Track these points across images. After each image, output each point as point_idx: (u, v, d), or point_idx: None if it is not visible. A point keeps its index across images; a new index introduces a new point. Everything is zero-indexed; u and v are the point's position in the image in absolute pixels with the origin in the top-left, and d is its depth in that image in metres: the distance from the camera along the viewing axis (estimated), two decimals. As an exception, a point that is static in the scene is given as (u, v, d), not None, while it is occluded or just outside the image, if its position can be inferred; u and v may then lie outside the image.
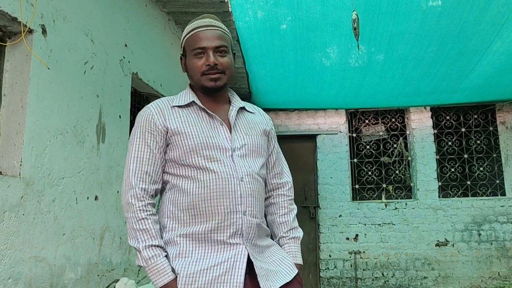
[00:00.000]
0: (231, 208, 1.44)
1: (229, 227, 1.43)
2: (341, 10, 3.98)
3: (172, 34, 4.45)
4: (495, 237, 6.39)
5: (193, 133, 1.48)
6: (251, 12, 4.14)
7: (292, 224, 1.67)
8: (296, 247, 1.65)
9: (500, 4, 3.93)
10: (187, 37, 1.56)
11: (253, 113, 1.69)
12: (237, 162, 1.49)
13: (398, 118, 7.03)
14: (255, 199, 1.50)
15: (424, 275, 6.41)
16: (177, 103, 1.55)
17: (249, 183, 1.48)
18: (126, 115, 3.45)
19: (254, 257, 1.45)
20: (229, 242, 1.43)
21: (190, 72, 1.57)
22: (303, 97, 6.35)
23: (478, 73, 5.30)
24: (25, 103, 2.35)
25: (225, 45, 1.54)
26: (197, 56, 1.52)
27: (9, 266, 2.17)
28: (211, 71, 1.51)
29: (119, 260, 3.24)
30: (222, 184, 1.44)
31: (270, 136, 1.70)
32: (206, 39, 1.51)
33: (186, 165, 1.47)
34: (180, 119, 1.51)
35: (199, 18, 1.59)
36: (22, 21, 2.32)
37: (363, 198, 6.88)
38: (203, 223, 1.44)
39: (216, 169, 1.45)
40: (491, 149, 6.75)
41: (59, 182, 2.59)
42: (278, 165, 1.72)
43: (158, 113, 1.51)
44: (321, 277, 6.58)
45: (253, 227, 1.47)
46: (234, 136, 1.54)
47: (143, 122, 1.52)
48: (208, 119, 1.54)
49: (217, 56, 1.51)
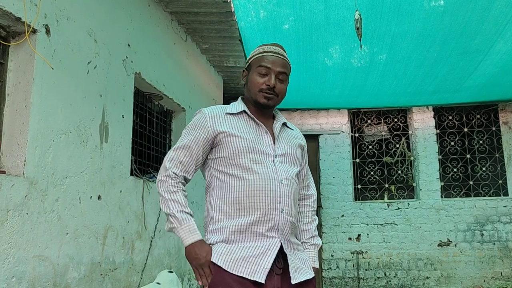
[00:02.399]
0: (271, 205, 1.63)
1: (268, 221, 1.62)
2: (344, 10, 3.98)
3: (175, 34, 4.46)
4: (498, 237, 6.38)
5: (242, 136, 1.69)
6: (254, 12, 4.14)
7: (314, 233, 1.89)
8: (315, 253, 1.85)
9: (503, 4, 3.92)
10: (257, 56, 1.78)
11: (292, 129, 1.92)
12: (278, 166, 1.69)
13: (401, 118, 7.02)
14: (291, 200, 1.69)
15: (426, 275, 6.40)
16: (230, 110, 1.77)
17: (287, 185, 1.68)
18: (129, 115, 3.45)
19: (287, 251, 1.63)
20: (267, 235, 1.62)
21: (249, 85, 1.78)
22: (305, 97, 6.35)
23: (481, 73, 5.29)
24: (29, 103, 2.35)
25: (286, 73, 1.77)
26: (260, 74, 1.74)
27: (13, 265, 2.18)
28: (268, 91, 1.73)
29: (122, 260, 3.24)
30: (264, 184, 1.64)
31: (304, 151, 1.92)
32: (273, 63, 1.74)
33: (234, 164, 1.67)
34: (231, 124, 1.72)
35: (271, 44, 1.82)
36: (26, 21, 2.32)
37: (365, 198, 6.88)
38: (245, 216, 1.63)
39: (259, 171, 1.66)
40: (494, 149, 6.74)
41: (63, 181, 2.60)
42: (307, 178, 1.94)
43: (211, 117, 1.72)
44: (324, 277, 6.58)
45: (287, 224, 1.66)
46: (277, 145, 1.76)
47: (195, 121, 1.74)
48: (255, 127, 1.76)
49: (277, 80, 1.74)
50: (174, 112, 4.73)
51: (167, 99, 4.27)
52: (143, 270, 3.57)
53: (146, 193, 3.68)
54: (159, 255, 3.88)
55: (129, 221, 3.38)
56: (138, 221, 3.52)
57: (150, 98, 4.12)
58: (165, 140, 4.54)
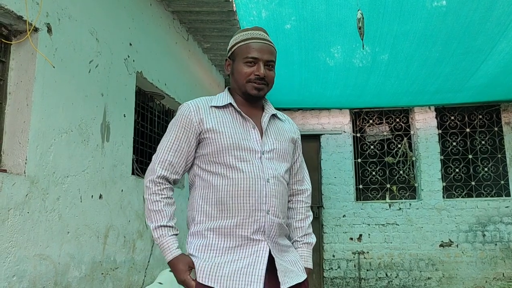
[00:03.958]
0: (256, 206, 1.54)
1: (253, 223, 1.54)
2: (346, 10, 3.97)
3: (176, 33, 4.45)
4: (500, 238, 6.36)
5: (227, 133, 1.59)
6: (255, 12, 4.14)
7: (307, 230, 1.81)
8: (308, 252, 1.78)
9: (506, 4, 3.90)
10: (241, 44, 1.67)
11: (283, 121, 1.79)
12: (265, 164, 1.59)
13: (403, 118, 7.01)
14: (279, 200, 1.60)
15: (428, 276, 6.39)
16: (215, 103, 1.65)
17: (274, 184, 1.59)
18: (130, 114, 3.45)
19: (275, 254, 1.55)
20: (252, 238, 1.53)
21: (236, 76, 1.67)
22: (307, 97, 6.34)
23: (483, 73, 5.28)
24: (30, 102, 2.35)
25: (273, 61, 1.67)
26: (247, 64, 1.63)
27: (14, 264, 2.18)
28: (258, 81, 1.62)
29: (123, 259, 3.24)
30: (249, 184, 1.55)
31: (297, 145, 1.80)
32: (260, 51, 1.63)
33: (218, 162, 1.58)
34: (216, 118, 1.61)
35: (252, 29, 1.71)
36: (28, 20, 2.32)
37: (367, 198, 6.87)
38: (229, 218, 1.54)
39: (244, 169, 1.56)
40: (496, 150, 6.72)
41: (64, 180, 2.59)
42: (301, 172, 1.83)
43: (195, 111, 1.62)
44: (325, 277, 6.57)
45: (274, 225, 1.57)
46: (265, 140, 1.64)
47: (180, 117, 1.63)
48: (241, 121, 1.65)
49: (266, 69, 1.64)
50: (176, 112, 4.72)
51: (169, 98, 4.27)
52: (146, 270, 3.57)
53: (148, 193, 3.67)
54: (161, 254, 3.87)
55: (130, 220, 3.38)
56: (139, 221, 3.52)
57: (151, 97, 4.12)
58: (166, 139, 4.53)
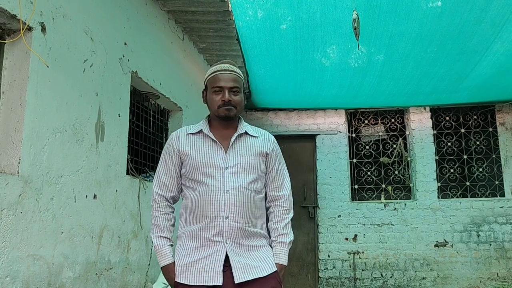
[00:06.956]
0: (215, 213, 1.85)
1: (213, 228, 1.85)
2: (342, 10, 3.97)
3: (172, 33, 4.44)
4: (494, 238, 6.38)
5: (196, 155, 1.92)
6: (251, 12, 4.13)
7: (282, 231, 2.00)
8: (281, 250, 1.96)
9: (500, 5, 3.92)
10: (210, 77, 1.99)
11: (256, 136, 2.03)
12: (226, 178, 1.88)
13: (398, 119, 7.02)
14: (239, 207, 1.86)
15: (423, 276, 6.41)
16: (190, 131, 2.00)
17: (234, 195, 1.86)
18: (125, 113, 3.44)
19: (233, 253, 1.83)
20: (213, 239, 1.84)
21: (209, 103, 1.99)
22: (302, 97, 6.34)
23: (478, 74, 5.30)
24: (24, 101, 2.34)
25: (237, 87, 1.96)
26: (216, 92, 1.95)
27: (7, 264, 2.16)
28: (225, 105, 1.92)
29: (117, 259, 3.23)
30: (211, 195, 1.86)
31: (269, 157, 2.03)
32: (224, 80, 1.94)
33: (191, 178, 1.93)
34: (190, 144, 1.96)
35: (221, 63, 2.02)
36: (21, 19, 2.31)
37: (362, 198, 6.88)
38: (197, 223, 1.88)
39: (208, 183, 1.87)
40: (491, 150, 6.75)
41: (58, 180, 2.58)
42: (277, 180, 2.06)
43: (176, 140, 1.99)
44: (320, 277, 6.58)
45: (234, 229, 1.85)
46: (229, 157, 1.93)
47: (167, 145, 2.02)
48: (211, 143, 1.96)
49: (231, 94, 1.93)
50: (171, 111, 4.71)
51: (164, 98, 4.26)
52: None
53: (142, 193, 3.67)
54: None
55: (125, 220, 3.37)
56: (134, 221, 3.51)
57: (146, 97, 4.10)
58: (161, 139, 4.52)
